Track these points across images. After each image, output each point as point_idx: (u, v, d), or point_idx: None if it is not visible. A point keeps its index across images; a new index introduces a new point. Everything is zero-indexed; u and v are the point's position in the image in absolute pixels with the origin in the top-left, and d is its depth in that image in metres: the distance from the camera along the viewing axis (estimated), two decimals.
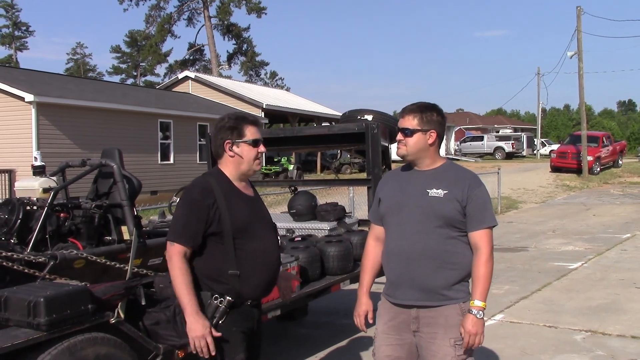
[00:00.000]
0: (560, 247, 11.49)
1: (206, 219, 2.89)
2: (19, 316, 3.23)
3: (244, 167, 3.05)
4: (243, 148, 3.03)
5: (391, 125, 6.71)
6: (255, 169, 3.08)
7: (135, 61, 71.78)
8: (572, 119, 76.85)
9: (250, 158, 3.04)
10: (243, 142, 3.02)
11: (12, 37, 71.74)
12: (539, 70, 49.80)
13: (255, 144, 3.04)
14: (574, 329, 6.28)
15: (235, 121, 3.05)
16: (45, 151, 17.16)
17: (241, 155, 3.03)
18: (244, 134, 3.02)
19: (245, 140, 3.02)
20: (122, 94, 24.01)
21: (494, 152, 42.92)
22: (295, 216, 6.48)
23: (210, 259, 2.95)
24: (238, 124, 3.03)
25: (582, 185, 25.52)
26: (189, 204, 2.90)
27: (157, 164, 22.38)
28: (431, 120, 3.05)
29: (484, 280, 2.95)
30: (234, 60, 60.61)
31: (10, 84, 18.60)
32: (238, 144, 3.02)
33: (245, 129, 3.03)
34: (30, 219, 4.35)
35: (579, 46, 28.86)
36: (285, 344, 6.01)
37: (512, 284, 8.37)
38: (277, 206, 13.35)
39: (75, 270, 4.02)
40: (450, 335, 2.97)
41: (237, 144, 3.02)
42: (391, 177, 3.28)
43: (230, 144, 3.03)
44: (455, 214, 2.97)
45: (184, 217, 2.90)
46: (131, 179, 4.70)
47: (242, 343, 2.98)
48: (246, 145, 3.02)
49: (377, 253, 3.25)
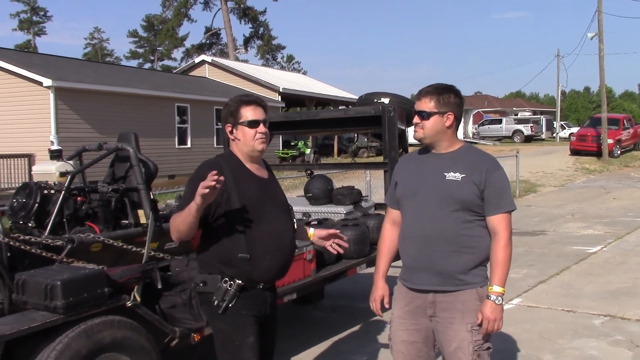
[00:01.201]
0: (580, 231, 11.38)
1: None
2: (37, 299, 3.26)
3: (246, 148, 3.04)
4: (240, 130, 3.03)
5: (408, 108, 6.66)
6: (257, 149, 3.04)
7: (153, 45, 71.96)
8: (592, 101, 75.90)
9: (248, 139, 3.02)
10: (240, 124, 3.03)
11: (30, 22, 72.17)
12: (558, 52, 49.05)
13: (252, 125, 3.02)
14: (593, 313, 6.23)
15: (233, 104, 3.06)
16: (63, 135, 17.38)
17: (240, 137, 3.04)
18: (240, 116, 3.03)
19: (242, 122, 3.02)
20: (140, 79, 24.11)
21: (513, 136, 42.50)
22: (311, 200, 6.47)
23: (220, 242, 2.93)
24: (235, 107, 3.04)
25: (602, 168, 25.23)
26: (197, 180, 2.84)
27: (175, 148, 22.50)
28: (448, 102, 3.00)
29: (503, 265, 2.91)
30: (250, 44, 60.60)
31: (29, 68, 18.74)
32: (237, 126, 3.04)
33: (241, 110, 3.03)
34: (48, 203, 4.37)
35: (600, 27, 28.39)
36: (301, 327, 6.03)
37: (530, 268, 8.32)
38: (294, 190, 13.35)
39: (92, 254, 4.04)
40: (468, 320, 2.94)
41: (236, 126, 3.04)
42: (408, 160, 3.24)
43: (231, 127, 3.05)
44: (473, 197, 2.92)
45: (190, 193, 2.85)
46: (147, 162, 4.71)
47: (252, 326, 2.97)
48: (243, 126, 3.02)
49: (393, 237, 3.22)
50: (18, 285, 3.35)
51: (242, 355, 2.93)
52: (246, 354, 2.94)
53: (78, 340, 3.24)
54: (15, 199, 4.37)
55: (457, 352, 2.96)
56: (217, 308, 2.93)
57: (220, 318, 2.94)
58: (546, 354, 5.13)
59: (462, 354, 2.95)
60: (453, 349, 2.97)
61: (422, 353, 3.11)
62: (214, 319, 3.00)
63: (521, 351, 5.20)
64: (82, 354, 3.23)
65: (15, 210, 4.33)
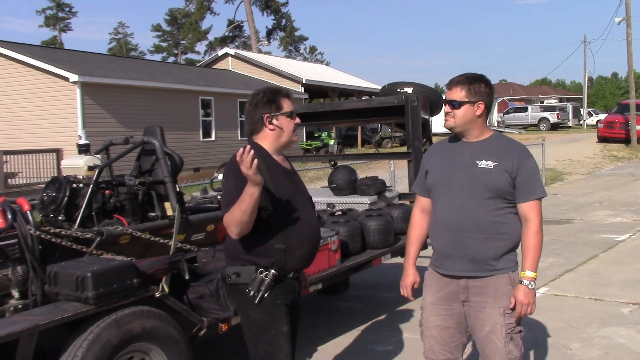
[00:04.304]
0: (607, 219, 11.24)
1: None
2: (68, 290, 3.33)
3: (284, 138, 3.08)
4: (282, 120, 3.05)
5: (431, 97, 6.64)
6: (293, 140, 3.12)
7: (176, 39, 72.28)
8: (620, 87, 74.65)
9: (290, 129, 3.08)
10: (281, 114, 3.05)
11: (56, 18, 72.98)
12: (585, 38, 48.36)
13: (292, 116, 3.08)
14: (621, 301, 6.17)
15: (272, 94, 3.06)
16: (89, 130, 17.58)
17: (281, 127, 3.05)
18: (281, 107, 3.05)
19: (284, 112, 3.05)
20: (164, 72, 24.28)
21: (539, 123, 41.98)
22: (335, 190, 6.49)
23: (256, 233, 2.92)
24: (275, 97, 3.05)
25: (630, 155, 24.83)
26: (235, 176, 2.84)
27: (199, 141, 22.64)
28: (479, 91, 3.03)
29: (534, 251, 2.97)
30: (273, 36, 60.67)
31: (56, 64, 18.98)
32: (277, 116, 3.04)
33: (282, 101, 3.06)
34: (77, 197, 4.43)
35: (628, 11, 27.88)
36: (326, 317, 6.06)
37: (557, 257, 8.24)
38: (318, 181, 13.38)
39: (121, 246, 4.10)
40: (500, 304, 2.99)
41: (276, 116, 3.04)
42: (438, 148, 3.27)
43: (270, 117, 3.04)
44: (505, 185, 2.96)
45: (234, 190, 2.84)
46: (173, 155, 4.76)
47: (286, 316, 3.02)
48: (284, 117, 3.05)
49: (423, 225, 3.27)
50: (50, 277, 3.42)
51: (278, 345, 2.97)
52: (282, 343, 2.98)
53: (109, 330, 3.30)
54: (45, 193, 4.44)
55: (490, 335, 3.00)
56: (252, 298, 2.95)
57: (254, 308, 2.97)
58: (574, 343, 5.10)
59: (495, 337, 2.99)
60: (486, 333, 3.01)
61: (454, 338, 3.15)
62: (248, 309, 3.01)
63: (549, 339, 5.17)
64: (112, 344, 3.30)
65: (46, 204, 4.40)
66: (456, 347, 3.17)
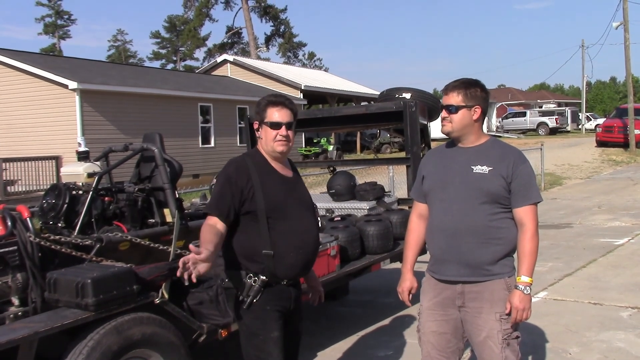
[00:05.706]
0: (606, 223, 11.25)
1: (240, 196, 2.96)
2: (68, 297, 3.33)
3: (267, 147, 3.12)
4: (264, 129, 3.11)
5: (430, 103, 6.65)
6: (277, 150, 3.09)
7: (175, 46, 72.44)
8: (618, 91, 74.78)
9: (269, 139, 3.08)
10: (264, 123, 3.11)
11: (55, 26, 73.01)
12: (583, 43, 48.32)
13: (273, 127, 3.07)
14: (620, 305, 6.17)
15: (262, 103, 3.14)
16: (89, 137, 17.63)
17: (263, 136, 3.12)
18: (265, 116, 3.10)
19: (265, 122, 3.10)
20: (163, 79, 24.32)
21: (537, 128, 42.01)
22: (334, 196, 6.50)
23: (245, 238, 3.01)
24: (263, 106, 3.12)
25: (629, 159, 24.86)
26: (224, 180, 3.01)
27: (198, 148, 22.67)
28: (475, 96, 3.05)
29: (530, 256, 2.97)
30: (271, 42, 60.69)
31: (55, 72, 19.02)
32: (262, 125, 3.12)
33: (266, 111, 3.10)
34: (77, 203, 4.45)
35: (625, 16, 27.95)
36: (326, 323, 6.07)
37: (555, 261, 8.25)
38: (317, 187, 13.39)
39: (121, 252, 4.11)
40: (496, 309, 2.99)
41: (261, 125, 3.12)
42: (435, 154, 3.29)
43: (257, 125, 3.15)
44: (501, 190, 2.97)
45: (219, 193, 3.01)
46: (172, 162, 4.78)
47: (276, 322, 3.03)
48: (266, 127, 3.10)
49: (420, 230, 3.28)
50: (50, 284, 3.43)
51: (267, 349, 3.00)
52: (270, 348, 3.00)
53: (109, 336, 3.31)
54: (45, 200, 4.45)
55: (487, 340, 3.01)
56: (242, 303, 3.00)
57: (245, 313, 3.02)
58: (573, 347, 5.10)
59: (491, 342, 3.00)
60: (482, 338, 3.02)
61: (451, 344, 3.16)
62: (239, 314, 3.07)
63: (548, 344, 5.18)
64: (112, 350, 3.31)
65: (45, 211, 4.42)
66: (453, 353, 3.17)
